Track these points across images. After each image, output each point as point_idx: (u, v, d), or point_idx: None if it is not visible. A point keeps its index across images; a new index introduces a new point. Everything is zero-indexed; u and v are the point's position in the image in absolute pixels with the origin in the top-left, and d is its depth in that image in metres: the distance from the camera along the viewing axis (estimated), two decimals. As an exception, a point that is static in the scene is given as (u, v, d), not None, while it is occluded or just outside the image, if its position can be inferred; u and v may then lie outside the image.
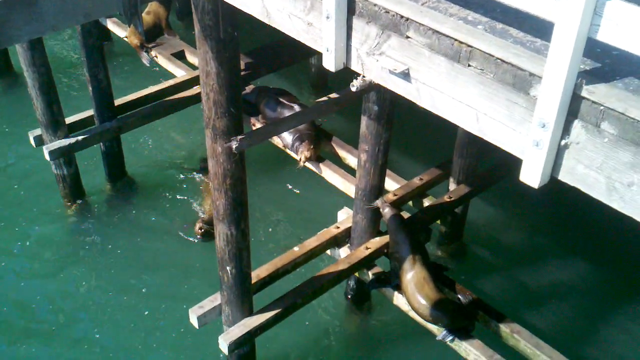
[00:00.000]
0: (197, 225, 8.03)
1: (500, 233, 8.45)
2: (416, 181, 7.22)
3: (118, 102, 8.02)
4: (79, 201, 8.48)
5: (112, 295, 7.52)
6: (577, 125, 2.98)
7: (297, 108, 7.51)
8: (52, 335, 7.14)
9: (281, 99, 7.71)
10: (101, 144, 8.30)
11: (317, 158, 7.41)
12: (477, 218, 8.36)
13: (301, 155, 7.23)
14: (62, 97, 7.67)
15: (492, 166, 7.64)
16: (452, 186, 7.37)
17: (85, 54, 7.48)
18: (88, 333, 7.17)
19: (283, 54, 8.64)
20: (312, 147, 7.25)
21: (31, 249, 8.02)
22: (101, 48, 7.57)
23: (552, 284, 7.77)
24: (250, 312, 5.93)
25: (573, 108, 2.97)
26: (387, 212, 6.28)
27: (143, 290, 7.59)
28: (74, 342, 7.08)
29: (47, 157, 7.61)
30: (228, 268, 5.52)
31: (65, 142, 7.62)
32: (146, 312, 7.35)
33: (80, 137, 7.71)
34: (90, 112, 7.93)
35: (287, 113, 7.39)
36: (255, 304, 6.00)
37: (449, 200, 7.13)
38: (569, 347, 6.41)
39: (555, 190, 7.32)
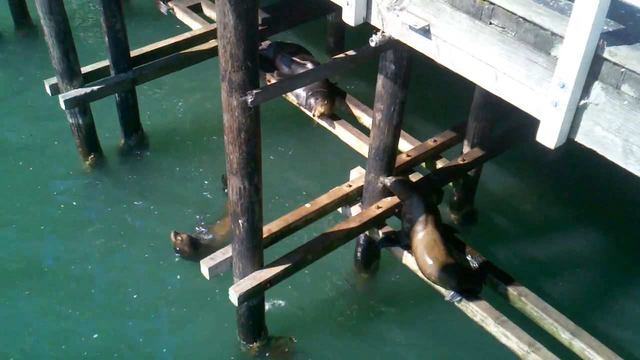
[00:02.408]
0: (176, 237, 7.44)
1: (512, 198, 8.46)
2: (430, 143, 7.21)
3: (134, 53, 7.98)
4: (93, 154, 8.54)
5: (123, 248, 7.60)
6: (596, 86, 2.97)
7: (309, 66, 7.49)
8: (61, 288, 7.25)
9: (294, 58, 7.68)
10: (116, 95, 8.31)
11: (332, 116, 7.41)
12: (489, 182, 8.36)
13: (315, 111, 7.23)
14: (79, 47, 7.66)
15: (507, 130, 7.60)
16: (466, 149, 7.35)
17: (102, 3, 7.44)
18: (99, 286, 7.30)
19: (301, 10, 8.57)
20: (326, 102, 7.24)
21: (45, 201, 8.10)
22: (118, -2, 7.53)
23: (563, 251, 7.79)
24: (260, 266, 5.99)
25: (594, 69, 2.95)
26: (392, 181, 6.28)
27: (153, 244, 7.66)
28: (80, 297, 7.20)
29: (63, 106, 7.63)
30: (240, 221, 5.56)
31: (80, 91, 7.63)
32: (161, 262, 7.44)
33: (95, 87, 7.71)
34: (106, 63, 7.92)
35: (299, 71, 7.37)
36: (266, 259, 6.06)
37: (462, 163, 7.12)
38: (576, 312, 6.46)
39: (570, 157, 7.31)
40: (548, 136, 3.17)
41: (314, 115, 7.31)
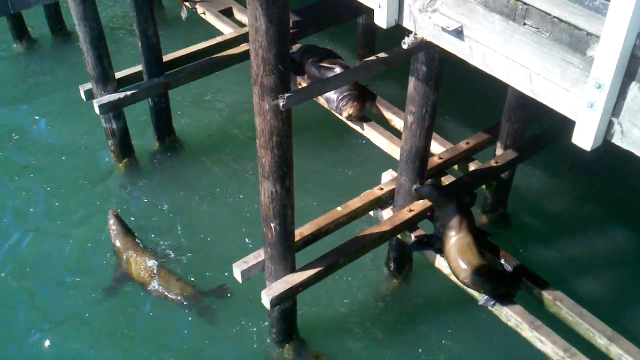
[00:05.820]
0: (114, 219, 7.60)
1: (546, 200, 8.34)
2: (462, 145, 7.15)
3: (166, 58, 8.07)
4: (127, 158, 8.64)
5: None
6: (634, 87, 2.91)
7: (338, 69, 7.49)
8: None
9: (323, 61, 7.68)
10: (149, 100, 8.40)
11: (363, 118, 7.41)
12: (523, 184, 8.26)
13: (346, 112, 7.24)
14: (113, 53, 7.77)
15: (540, 132, 7.51)
16: (499, 151, 7.27)
17: (135, 8, 7.53)
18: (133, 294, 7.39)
19: (331, 13, 8.57)
20: (355, 104, 7.25)
21: (80, 203, 8.22)
22: (151, 3, 7.61)
23: (599, 254, 7.64)
24: (292, 269, 6.00)
25: (630, 69, 2.89)
26: (425, 190, 6.26)
27: (187, 249, 7.72)
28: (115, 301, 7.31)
29: (97, 111, 7.75)
30: (272, 225, 5.57)
31: (114, 96, 7.73)
32: (191, 278, 7.48)
33: (129, 92, 7.81)
34: (139, 68, 8.02)
35: (329, 74, 7.37)
36: (298, 262, 6.06)
37: (495, 165, 7.04)
38: (613, 317, 6.32)
39: (606, 158, 7.16)
40: (584, 138, 3.11)
41: (345, 117, 7.32)
